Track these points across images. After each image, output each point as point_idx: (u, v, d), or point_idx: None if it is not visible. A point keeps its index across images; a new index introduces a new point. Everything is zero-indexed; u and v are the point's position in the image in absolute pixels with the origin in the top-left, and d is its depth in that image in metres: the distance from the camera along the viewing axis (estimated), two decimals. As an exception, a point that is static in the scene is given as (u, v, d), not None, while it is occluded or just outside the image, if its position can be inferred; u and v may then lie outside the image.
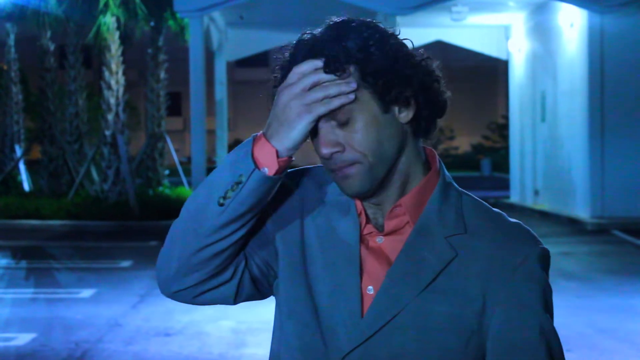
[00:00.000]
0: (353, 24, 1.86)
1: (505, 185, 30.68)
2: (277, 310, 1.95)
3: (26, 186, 26.26)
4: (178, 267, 1.88)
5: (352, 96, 1.77)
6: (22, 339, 8.86)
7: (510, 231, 1.88)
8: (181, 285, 1.92)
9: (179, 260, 1.87)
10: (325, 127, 1.79)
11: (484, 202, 1.92)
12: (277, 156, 1.78)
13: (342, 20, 1.88)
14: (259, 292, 1.97)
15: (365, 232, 1.87)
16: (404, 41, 1.90)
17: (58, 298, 11.25)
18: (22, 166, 26.64)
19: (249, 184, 1.77)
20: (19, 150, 26.80)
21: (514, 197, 27.05)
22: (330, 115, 1.77)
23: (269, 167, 1.78)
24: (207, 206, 1.81)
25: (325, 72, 1.77)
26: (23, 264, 14.77)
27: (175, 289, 1.93)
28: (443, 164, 1.92)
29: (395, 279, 1.82)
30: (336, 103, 1.76)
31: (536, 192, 24.79)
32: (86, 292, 11.54)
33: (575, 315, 9.99)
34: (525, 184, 26.02)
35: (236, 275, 1.91)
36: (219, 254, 1.85)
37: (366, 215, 1.87)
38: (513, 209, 25.40)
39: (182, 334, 9.03)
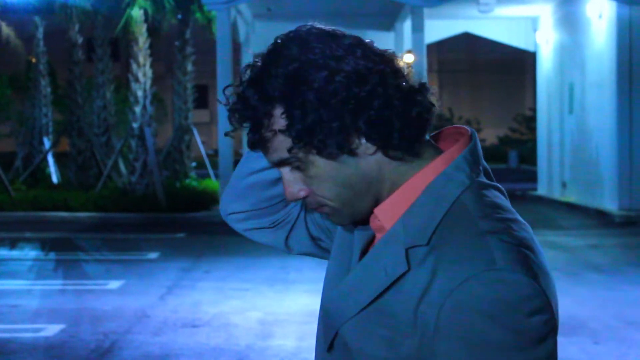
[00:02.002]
0: (274, 60, 1.58)
1: (532, 177, 30.56)
2: None
3: (54, 178, 26.43)
4: (230, 187, 1.92)
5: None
6: (51, 329, 8.91)
7: (469, 245, 1.51)
8: (230, 209, 1.93)
9: (232, 181, 1.91)
10: (285, 175, 1.63)
11: (484, 204, 1.57)
12: None
13: (270, 51, 1.61)
14: (321, 251, 1.95)
15: None
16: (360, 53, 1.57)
17: (86, 289, 11.31)
18: (50, 159, 26.81)
19: None
20: (47, 143, 26.96)
21: (542, 190, 26.94)
22: (286, 162, 1.60)
23: None
24: None
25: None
26: (52, 255, 14.86)
27: (229, 210, 1.93)
28: (467, 153, 1.62)
29: (344, 292, 1.63)
30: None
31: (564, 185, 24.67)
32: (114, 284, 11.59)
33: (604, 307, 9.95)
34: (552, 176, 25.90)
35: (283, 224, 1.93)
36: (263, 186, 1.87)
37: None
38: (541, 201, 25.31)
39: (209, 326, 9.05)
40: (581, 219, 20.16)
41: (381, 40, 27.29)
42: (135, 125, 22.81)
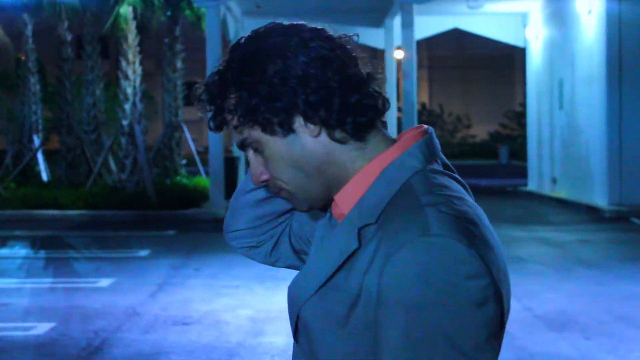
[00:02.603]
0: (235, 49, 1.72)
1: (523, 173, 30.61)
2: None
3: (44, 176, 26.36)
4: (230, 206, 2.02)
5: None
6: (41, 328, 8.90)
7: (409, 216, 1.58)
8: (230, 227, 2.03)
9: (231, 200, 2.01)
10: (251, 159, 1.74)
11: (431, 184, 1.63)
12: None
13: (234, 43, 1.74)
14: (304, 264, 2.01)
15: None
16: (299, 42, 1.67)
17: (76, 287, 11.29)
18: (40, 156, 26.74)
19: None
20: (37, 141, 26.90)
21: (532, 185, 26.98)
22: (245, 143, 1.71)
23: None
24: None
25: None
26: (42, 253, 14.83)
27: (230, 228, 2.03)
28: (422, 143, 1.69)
29: (304, 275, 1.71)
30: None
31: (554, 180, 24.71)
32: (104, 282, 11.57)
33: (594, 302, 9.97)
34: (543, 172, 25.94)
35: (269, 240, 2.02)
36: (251, 205, 1.96)
37: None
38: (531, 196, 25.35)
39: (200, 323, 9.04)
40: (571, 214, 20.19)
41: (371, 37, 27.11)
42: (125, 122, 22.77)
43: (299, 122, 1.65)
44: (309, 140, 1.67)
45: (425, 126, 1.75)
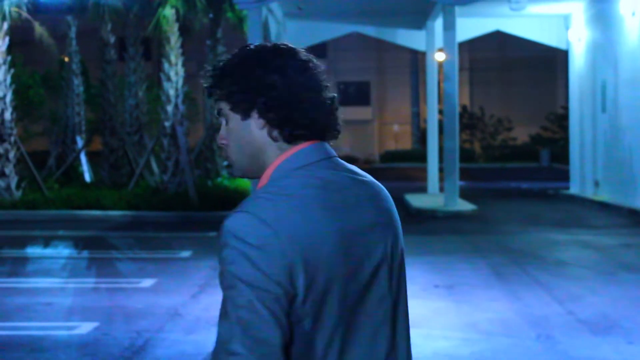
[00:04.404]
0: (237, 52, 2.28)
1: (564, 176, 30.41)
2: None
3: (87, 177, 26.58)
4: None
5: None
6: (85, 327, 8.98)
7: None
8: None
9: None
10: (222, 125, 2.28)
11: (268, 186, 2.16)
12: None
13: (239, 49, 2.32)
14: None
15: None
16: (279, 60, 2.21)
17: (119, 287, 11.38)
18: (83, 157, 26.97)
19: None
20: (80, 142, 27.13)
21: (574, 189, 26.81)
22: (220, 112, 2.27)
23: None
24: None
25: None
26: (85, 253, 14.96)
27: None
28: (298, 153, 2.18)
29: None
30: None
31: (596, 183, 24.53)
32: (147, 282, 11.65)
33: (637, 307, 9.90)
34: (585, 175, 25.76)
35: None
36: None
37: None
38: (573, 200, 25.17)
39: (241, 324, 9.07)
40: (613, 218, 20.04)
41: (413, 39, 26.95)
42: (167, 124, 22.91)
43: (254, 114, 2.19)
44: (255, 130, 2.20)
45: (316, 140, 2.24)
